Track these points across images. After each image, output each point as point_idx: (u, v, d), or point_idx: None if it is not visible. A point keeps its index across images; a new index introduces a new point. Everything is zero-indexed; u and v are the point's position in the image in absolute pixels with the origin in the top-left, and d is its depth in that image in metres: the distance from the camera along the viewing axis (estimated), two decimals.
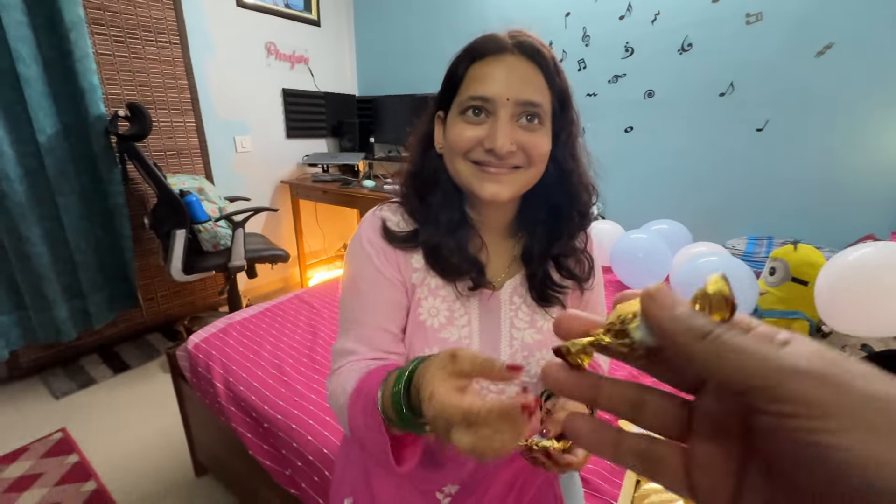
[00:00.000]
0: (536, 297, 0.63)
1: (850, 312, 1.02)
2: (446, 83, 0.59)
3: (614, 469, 0.85)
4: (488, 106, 0.53)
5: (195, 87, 2.31)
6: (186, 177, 2.15)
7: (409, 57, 2.91)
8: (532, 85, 0.54)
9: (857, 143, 1.70)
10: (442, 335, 0.61)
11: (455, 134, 0.55)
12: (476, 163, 0.55)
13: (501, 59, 0.53)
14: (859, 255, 1.02)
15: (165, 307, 2.40)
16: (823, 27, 1.67)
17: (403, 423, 0.40)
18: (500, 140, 0.52)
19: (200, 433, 1.35)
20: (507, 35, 0.55)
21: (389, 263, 0.61)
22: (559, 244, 0.62)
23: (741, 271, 1.27)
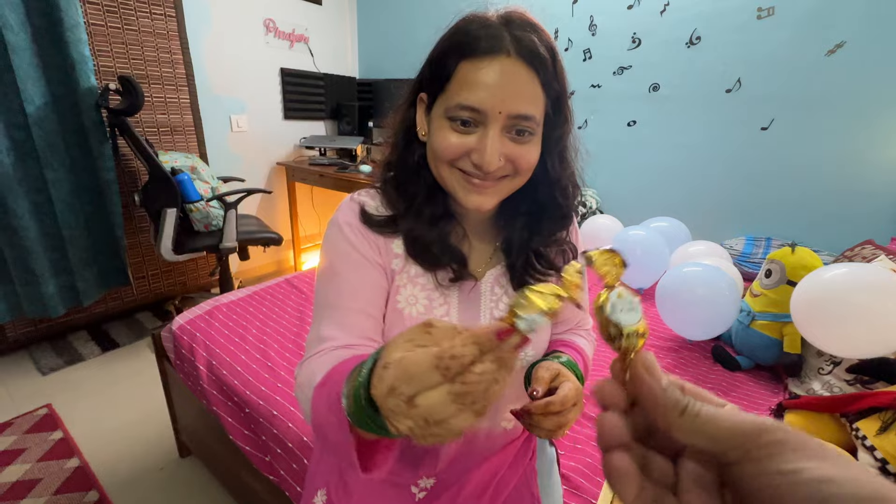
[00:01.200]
0: (517, 287, 0.62)
1: (823, 332, 1.01)
2: (433, 71, 0.54)
3: (595, 466, 0.84)
4: (478, 117, 0.49)
5: (190, 63, 2.26)
6: (179, 155, 2.11)
7: (412, 40, 2.84)
8: (527, 95, 0.49)
9: (861, 147, 1.66)
10: None
11: (440, 140, 0.52)
12: (461, 170, 0.53)
13: (496, 61, 0.48)
14: (832, 276, 1.01)
15: (156, 286, 2.38)
16: (836, 25, 1.62)
17: (363, 420, 0.31)
18: (488, 157, 0.49)
19: (184, 415, 1.34)
20: (502, 21, 0.50)
21: (370, 246, 0.59)
22: (539, 238, 0.61)
23: (722, 282, 1.25)
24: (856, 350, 0.96)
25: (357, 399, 0.31)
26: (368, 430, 0.32)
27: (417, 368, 0.25)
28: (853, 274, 0.99)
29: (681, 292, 1.28)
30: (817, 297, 1.01)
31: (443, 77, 0.51)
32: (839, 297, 0.97)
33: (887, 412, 0.80)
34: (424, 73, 0.56)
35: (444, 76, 0.51)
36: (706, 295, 1.23)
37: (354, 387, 0.32)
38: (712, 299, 1.23)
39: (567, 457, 0.87)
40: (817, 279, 1.03)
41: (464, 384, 0.24)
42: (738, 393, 1.13)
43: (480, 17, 0.52)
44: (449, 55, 0.51)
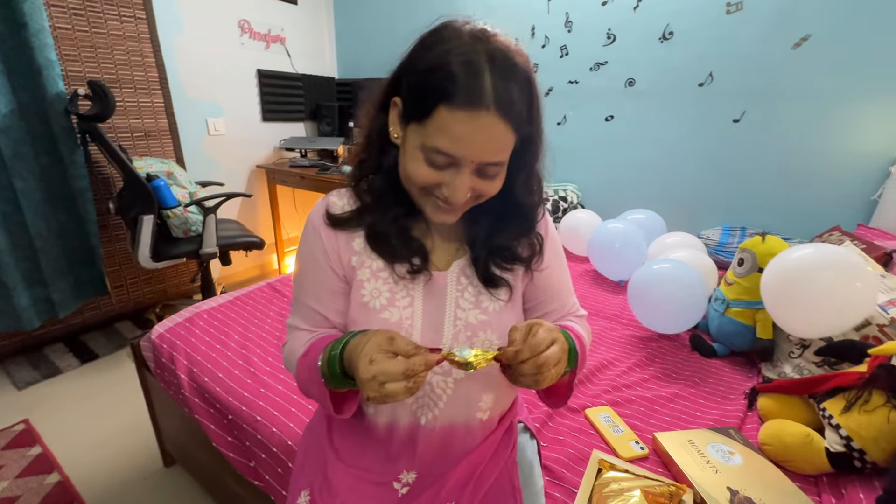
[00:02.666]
0: (482, 278, 0.64)
1: (791, 313, 1.03)
2: (410, 96, 0.53)
3: (577, 457, 0.86)
4: (452, 160, 0.51)
5: (163, 66, 2.21)
6: (154, 160, 2.06)
7: (391, 39, 2.83)
8: (500, 146, 0.51)
9: (828, 138, 1.72)
10: (383, 316, 0.62)
11: (414, 169, 0.53)
12: (432, 196, 0.56)
13: (477, 116, 0.48)
14: (798, 256, 1.04)
15: (135, 295, 2.34)
16: (801, 19, 1.67)
17: (335, 380, 0.54)
18: (458, 195, 0.53)
19: (167, 423, 1.33)
20: (486, 58, 0.48)
21: (328, 248, 0.63)
22: (501, 237, 0.63)
23: (692, 277, 1.28)
24: (822, 328, 0.99)
25: (333, 369, 0.53)
26: (337, 386, 0.55)
27: (394, 369, 0.46)
28: (819, 253, 1.02)
29: (649, 289, 1.30)
30: (785, 276, 1.04)
31: (420, 110, 0.51)
32: (806, 275, 1.00)
33: (851, 391, 0.84)
34: (400, 83, 0.55)
35: (422, 110, 0.50)
36: (673, 291, 1.26)
37: (329, 361, 0.54)
38: (679, 295, 1.25)
39: (550, 448, 0.89)
40: (785, 259, 1.06)
41: (414, 383, 0.47)
42: (714, 379, 1.16)
43: (463, 49, 0.49)
44: (429, 93, 0.49)
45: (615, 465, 0.82)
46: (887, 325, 0.97)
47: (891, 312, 0.99)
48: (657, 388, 1.11)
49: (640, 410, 1.03)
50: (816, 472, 0.84)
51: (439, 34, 0.52)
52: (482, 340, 0.63)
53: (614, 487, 0.75)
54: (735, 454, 0.85)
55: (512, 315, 0.66)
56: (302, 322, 0.66)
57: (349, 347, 0.52)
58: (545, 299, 0.70)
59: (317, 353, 0.57)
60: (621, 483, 0.76)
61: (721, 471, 0.81)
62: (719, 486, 0.77)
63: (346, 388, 0.54)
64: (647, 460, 0.88)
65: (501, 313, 0.64)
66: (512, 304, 0.66)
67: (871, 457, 0.78)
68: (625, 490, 0.73)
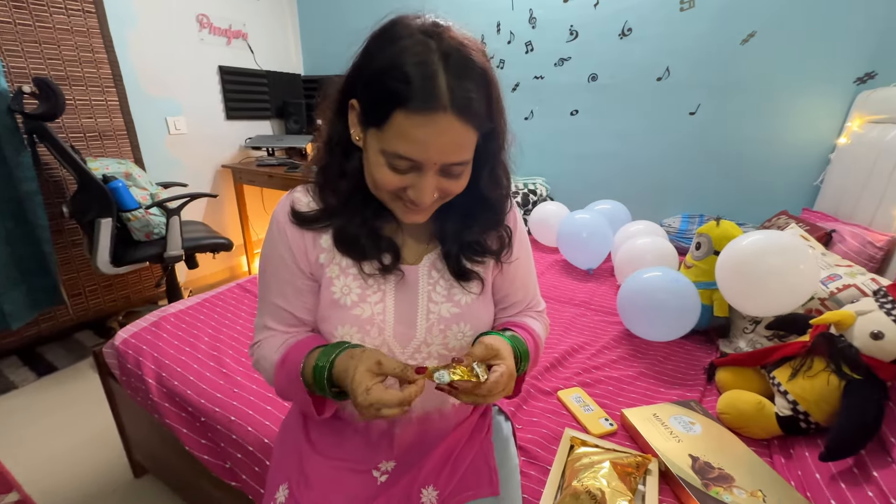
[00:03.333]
0: (453, 271, 0.64)
1: (743, 293, 1.11)
2: (367, 101, 0.51)
3: (550, 437, 0.90)
4: (415, 164, 0.51)
5: (116, 62, 2.11)
6: (111, 161, 1.97)
7: (357, 35, 2.76)
8: (462, 146, 0.51)
9: (775, 128, 1.84)
10: (354, 312, 0.62)
11: (380, 175, 0.53)
12: (399, 199, 0.55)
13: (434, 119, 0.47)
14: (748, 242, 1.11)
15: (95, 303, 2.23)
16: (748, 16, 1.77)
17: (321, 392, 0.56)
18: (425, 197, 0.53)
19: (136, 432, 1.28)
20: (439, 56, 0.47)
21: (294, 247, 0.62)
22: (470, 232, 0.63)
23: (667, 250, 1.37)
24: (770, 307, 1.07)
25: (320, 384, 0.55)
26: (319, 394, 0.57)
27: (390, 399, 0.49)
28: (766, 240, 1.10)
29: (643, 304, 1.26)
30: (736, 262, 1.12)
31: (377, 116, 0.49)
32: (755, 260, 1.08)
33: (796, 360, 0.91)
34: (356, 83, 0.53)
35: (378, 116, 0.49)
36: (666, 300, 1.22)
37: (315, 375, 0.55)
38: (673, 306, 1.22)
39: (524, 430, 0.92)
40: (736, 246, 1.14)
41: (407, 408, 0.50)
42: (677, 357, 1.23)
43: (416, 49, 0.47)
44: (384, 98, 0.48)
45: (586, 442, 0.86)
46: (827, 299, 1.06)
47: (830, 287, 1.07)
48: (624, 369, 1.17)
49: (609, 390, 1.07)
50: (768, 436, 0.91)
51: (390, 32, 0.50)
52: (455, 333, 0.64)
53: (585, 461, 0.79)
54: (696, 424, 0.91)
55: (483, 306, 0.67)
56: (271, 321, 0.66)
57: (337, 369, 0.54)
58: (511, 291, 0.72)
59: (296, 362, 0.58)
60: (592, 457, 0.79)
61: (683, 440, 0.86)
62: (682, 454, 0.83)
63: (329, 397, 0.56)
64: (616, 435, 0.92)
65: (473, 305, 0.65)
66: (483, 295, 0.67)
67: (814, 418, 0.85)
68: (595, 463, 0.77)
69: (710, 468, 0.79)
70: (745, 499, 0.73)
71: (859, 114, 1.56)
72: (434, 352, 0.65)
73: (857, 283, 1.03)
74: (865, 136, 1.47)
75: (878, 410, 0.75)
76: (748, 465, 0.81)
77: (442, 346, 0.64)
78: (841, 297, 1.04)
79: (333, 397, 0.56)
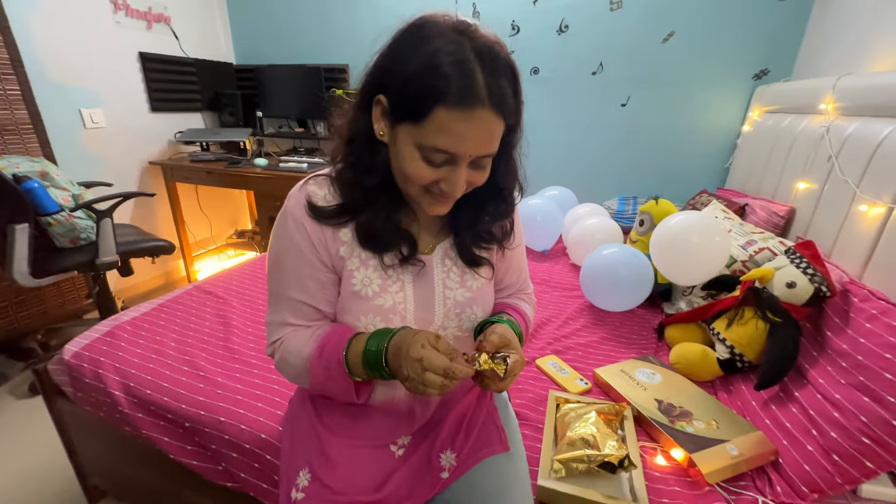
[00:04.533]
0: (465, 259, 0.69)
1: (673, 267, 1.30)
2: (404, 99, 0.52)
3: (536, 399, 0.98)
4: (451, 157, 0.53)
5: (15, 45, 1.84)
6: (21, 159, 1.73)
7: (294, 23, 2.68)
8: (495, 138, 0.54)
9: (693, 117, 2.09)
10: (376, 302, 0.64)
11: (414, 169, 0.55)
12: (428, 191, 0.58)
13: (473, 114, 0.50)
14: (673, 223, 1.30)
15: (6, 322, 1.95)
16: (668, 17, 1.99)
17: (372, 373, 0.59)
18: (457, 190, 0.56)
19: (92, 453, 1.17)
20: (475, 55, 0.50)
21: (314, 240, 0.62)
22: (484, 222, 0.68)
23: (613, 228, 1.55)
24: (697, 275, 1.26)
25: (375, 364, 0.58)
26: (368, 376, 0.61)
27: (438, 361, 0.53)
28: (687, 220, 1.28)
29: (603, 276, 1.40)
30: (664, 239, 1.29)
31: (416, 112, 0.51)
32: (679, 236, 1.26)
33: (730, 311, 1.08)
34: (382, 81, 0.55)
35: (417, 111, 0.51)
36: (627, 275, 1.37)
37: (363, 354, 0.59)
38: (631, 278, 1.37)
39: (513, 397, 0.99)
40: (664, 227, 1.31)
41: (448, 383, 0.54)
42: (631, 322, 1.38)
43: (451, 47, 0.49)
44: (424, 94, 0.50)
45: (569, 399, 0.96)
46: (748, 260, 1.26)
47: (749, 251, 1.27)
48: (589, 335, 1.29)
49: (579, 354, 1.19)
50: (713, 378, 1.07)
51: (421, 31, 0.52)
52: (469, 315, 0.69)
53: (573, 415, 0.88)
54: (656, 374, 1.05)
55: (490, 289, 0.73)
56: (292, 317, 0.66)
57: (392, 348, 0.58)
58: (507, 275, 0.79)
59: (336, 351, 0.60)
60: (578, 411, 0.89)
61: (648, 388, 0.99)
62: (649, 399, 0.95)
63: (380, 377, 0.59)
64: (591, 392, 1.03)
65: (483, 289, 0.71)
66: (491, 279, 0.73)
67: (748, 357, 1.02)
68: (582, 415, 0.86)
69: (673, 408, 0.93)
70: (703, 427, 0.87)
71: (758, 105, 1.84)
72: (450, 334, 0.69)
73: (769, 245, 1.24)
74: (764, 124, 1.74)
75: (795, 345, 0.92)
76: (701, 402, 0.95)
77: (457, 328, 0.69)
78: (758, 258, 1.24)
79: (382, 377, 0.59)
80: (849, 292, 0.92)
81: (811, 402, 0.84)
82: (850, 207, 1.10)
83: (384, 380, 0.60)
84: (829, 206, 1.21)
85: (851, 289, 0.92)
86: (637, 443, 0.84)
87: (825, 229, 1.21)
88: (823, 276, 0.94)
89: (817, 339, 0.94)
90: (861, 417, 0.73)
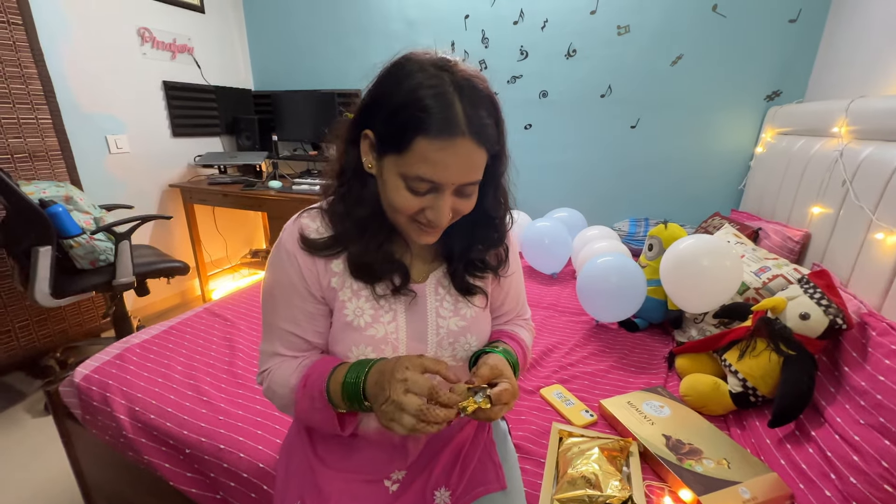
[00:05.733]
0: (458, 287, 0.69)
1: (683, 292, 1.26)
2: (387, 131, 0.55)
3: (539, 432, 0.96)
4: (433, 186, 0.55)
5: (48, 78, 1.96)
6: (48, 184, 1.82)
7: (310, 51, 2.79)
8: (476, 167, 0.56)
9: (703, 138, 2.07)
10: (368, 333, 0.64)
11: (399, 199, 0.56)
12: (415, 221, 0.59)
13: (453, 143, 0.51)
14: (683, 246, 1.27)
15: (27, 340, 2.02)
16: (676, 40, 2.00)
17: (352, 404, 0.58)
18: (442, 219, 0.57)
19: (98, 476, 1.19)
20: (454, 88, 0.52)
21: (305, 273, 0.63)
22: (476, 250, 0.68)
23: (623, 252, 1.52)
24: (704, 303, 1.22)
25: (354, 395, 0.58)
26: (348, 409, 0.60)
27: (423, 384, 0.53)
28: (698, 243, 1.25)
29: (597, 283, 1.41)
30: (674, 265, 1.26)
31: (399, 143, 0.53)
32: (689, 260, 1.23)
33: (742, 342, 1.04)
34: (369, 116, 0.57)
35: (400, 143, 0.53)
36: (619, 283, 1.38)
37: (342, 385, 0.58)
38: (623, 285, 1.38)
39: (514, 428, 0.97)
40: (674, 250, 1.28)
41: (426, 415, 0.51)
42: (640, 349, 1.35)
43: (431, 82, 0.52)
44: (406, 127, 0.52)
45: (573, 433, 0.93)
46: (761, 288, 1.22)
47: (762, 277, 1.23)
48: (596, 363, 1.26)
49: (585, 384, 1.16)
50: (725, 412, 1.03)
51: (404, 68, 0.55)
52: (462, 344, 0.68)
53: (575, 450, 0.85)
54: (665, 407, 1.01)
55: (485, 318, 0.73)
56: (282, 347, 0.66)
57: (376, 368, 0.57)
58: (504, 302, 0.78)
59: (320, 381, 0.60)
60: (580, 446, 0.86)
61: (656, 422, 0.96)
62: (656, 434, 0.92)
63: (359, 409, 0.58)
64: (597, 424, 1.00)
65: (478, 318, 0.70)
66: (486, 308, 0.72)
67: (761, 391, 0.98)
68: (585, 451, 0.84)
69: (682, 444, 0.89)
70: (713, 467, 0.83)
71: (770, 126, 1.81)
72: None
73: (783, 273, 1.20)
74: (777, 146, 1.71)
75: (810, 380, 0.88)
76: (712, 439, 0.91)
77: (451, 357, 0.68)
78: (772, 285, 1.20)
79: (362, 409, 0.58)
80: (867, 325, 0.88)
81: (829, 443, 0.79)
82: (866, 234, 1.06)
83: (364, 412, 0.60)
84: (845, 232, 1.17)
85: (870, 321, 0.88)
86: (643, 482, 0.81)
87: (842, 256, 1.17)
88: (839, 307, 0.91)
89: (834, 373, 0.90)
90: (882, 462, 0.68)
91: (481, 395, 0.56)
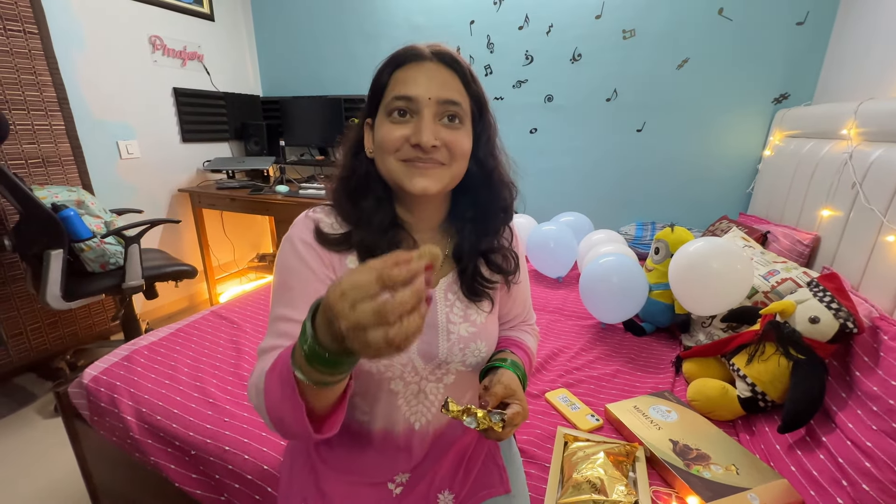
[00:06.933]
0: (467, 292, 0.68)
1: (692, 295, 1.25)
2: (372, 91, 0.62)
3: (544, 436, 0.95)
4: (412, 105, 0.57)
5: (62, 85, 2.00)
6: (60, 188, 1.85)
7: (317, 57, 2.82)
8: (451, 87, 0.59)
9: (711, 142, 2.06)
10: None
11: (384, 134, 0.59)
12: (405, 161, 0.59)
13: (422, 65, 0.59)
14: (693, 249, 1.26)
15: (38, 342, 2.04)
16: (682, 44, 1.99)
17: (320, 365, 0.39)
18: (425, 136, 0.56)
19: (106, 477, 1.20)
20: (426, 46, 0.61)
21: (322, 262, 0.61)
22: (486, 240, 0.68)
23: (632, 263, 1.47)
24: (713, 306, 1.20)
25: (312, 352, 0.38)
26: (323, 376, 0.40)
27: (365, 278, 0.33)
28: (707, 246, 1.23)
29: (599, 284, 1.42)
30: (682, 265, 1.25)
31: (380, 89, 0.61)
32: (698, 262, 1.21)
33: (750, 346, 1.03)
34: (368, 100, 0.63)
35: (381, 87, 0.61)
36: (620, 283, 1.38)
37: (300, 346, 0.40)
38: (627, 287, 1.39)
39: (519, 433, 0.96)
40: (683, 252, 1.27)
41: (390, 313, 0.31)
42: (647, 353, 1.33)
43: (409, 45, 0.62)
44: (383, 71, 0.61)
45: (578, 437, 0.92)
46: (770, 291, 1.20)
47: (771, 281, 1.22)
48: (602, 367, 1.25)
49: (591, 388, 1.15)
50: (733, 417, 1.01)
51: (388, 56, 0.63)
52: (473, 350, 0.67)
53: (580, 455, 0.84)
54: (672, 412, 1.00)
55: (494, 323, 0.72)
56: (283, 339, 0.57)
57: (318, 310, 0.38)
58: (511, 308, 0.79)
59: (286, 358, 0.44)
60: (586, 450, 0.85)
61: (663, 427, 0.95)
62: (663, 439, 0.91)
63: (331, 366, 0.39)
64: (603, 429, 0.99)
65: (487, 323, 0.70)
66: (493, 313, 0.72)
67: (770, 396, 0.96)
68: (590, 455, 0.83)
69: (689, 450, 0.88)
70: (721, 473, 0.81)
71: (779, 129, 1.80)
72: (453, 368, 0.67)
73: (792, 276, 1.19)
74: (786, 149, 1.69)
75: (821, 385, 0.87)
76: (720, 444, 0.90)
77: (461, 363, 0.67)
78: (780, 289, 1.18)
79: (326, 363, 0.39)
80: (879, 329, 0.86)
81: (840, 449, 0.78)
82: (877, 237, 1.05)
83: (331, 367, 0.39)
84: (856, 235, 1.16)
85: (882, 325, 0.87)
86: (649, 488, 0.80)
87: (852, 260, 1.15)
88: (849, 311, 0.89)
89: (845, 378, 0.88)
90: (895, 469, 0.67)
91: (498, 417, 0.55)
